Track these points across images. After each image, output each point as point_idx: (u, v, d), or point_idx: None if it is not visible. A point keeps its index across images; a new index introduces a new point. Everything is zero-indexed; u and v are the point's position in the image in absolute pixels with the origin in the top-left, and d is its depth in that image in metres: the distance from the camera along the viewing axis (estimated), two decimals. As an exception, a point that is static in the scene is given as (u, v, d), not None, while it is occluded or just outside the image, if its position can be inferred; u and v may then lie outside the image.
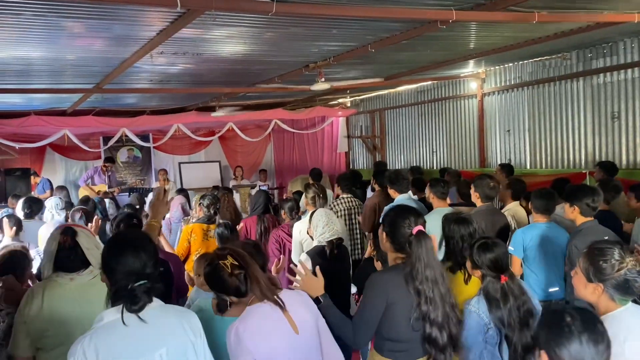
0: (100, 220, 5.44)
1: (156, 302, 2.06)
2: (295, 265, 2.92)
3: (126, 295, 1.97)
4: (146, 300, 2.00)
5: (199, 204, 5.35)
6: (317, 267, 2.70)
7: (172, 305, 2.15)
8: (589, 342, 1.72)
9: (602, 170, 5.76)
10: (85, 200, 6.84)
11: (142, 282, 1.98)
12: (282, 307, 2.24)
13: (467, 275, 3.13)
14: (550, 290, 4.13)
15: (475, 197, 4.68)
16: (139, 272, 2.00)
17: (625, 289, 2.23)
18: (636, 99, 6.31)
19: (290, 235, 5.01)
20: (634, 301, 2.31)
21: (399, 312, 2.51)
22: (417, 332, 2.52)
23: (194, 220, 5.42)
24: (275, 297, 2.26)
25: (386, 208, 4.58)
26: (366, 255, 4.76)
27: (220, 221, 4.95)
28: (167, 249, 4.67)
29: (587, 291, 2.31)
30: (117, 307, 1.99)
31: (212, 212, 5.26)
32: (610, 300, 2.25)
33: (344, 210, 5.99)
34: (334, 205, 6.03)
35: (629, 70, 6.36)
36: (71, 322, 2.50)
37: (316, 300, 2.59)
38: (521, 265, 4.23)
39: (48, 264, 2.65)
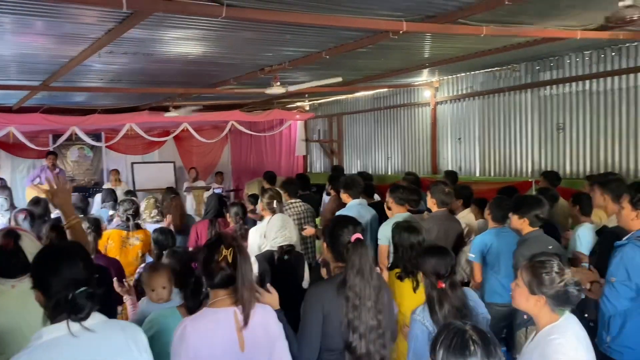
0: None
1: (100, 317, 1.96)
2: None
3: (69, 305, 1.86)
4: (91, 306, 1.89)
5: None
6: (268, 284, 2.68)
7: (116, 320, 2.05)
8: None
9: (546, 180, 5.95)
10: (36, 201, 6.41)
11: (82, 288, 1.88)
12: (246, 322, 2.21)
13: (415, 283, 3.17)
14: None
15: (431, 203, 4.74)
16: (77, 280, 1.90)
17: (564, 300, 2.30)
18: (580, 112, 6.57)
19: None
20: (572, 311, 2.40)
21: (333, 322, 2.53)
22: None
23: (113, 226, 5.21)
24: (248, 309, 2.22)
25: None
26: (320, 260, 4.78)
27: (158, 226, 4.81)
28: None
29: (529, 303, 2.37)
30: (58, 325, 1.87)
31: (128, 218, 5.00)
32: (551, 313, 2.32)
33: (295, 215, 5.98)
34: (284, 211, 5.99)
35: (574, 84, 6.62)
36: (12, 332, 2.36)
37: None
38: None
39: None
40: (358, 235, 2.61)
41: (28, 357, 1.80)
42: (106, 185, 10.23)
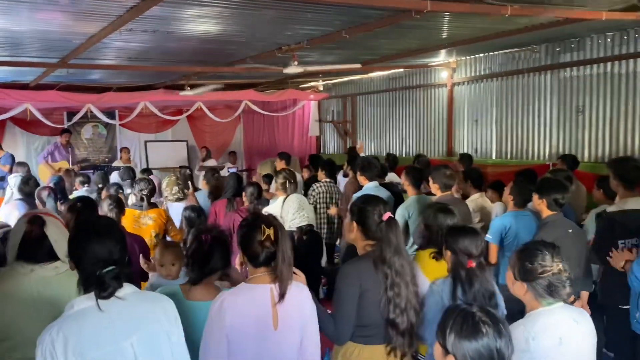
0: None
1: (129, 288, 2.03)
2: None
3: (95, 282, 1.94)
4: (115, 286, 1.96)
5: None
6: (295, 269, 2.72)
7: (147, 291, 2.10)
8: (500, 341, 1.72)
9: (564, 163, 5.91)
10: (56, 182, 6.22)
11: (109, 268, 1.95)
12: (282, 297, 2.24)
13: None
14: None
15: (435, 188, 4.68)
16: (105, 259, 1.96)
17: (549, 292, 2.25)
18: (600, 94, 6.49)
19: None
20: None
21: (371, 298, 2.57)
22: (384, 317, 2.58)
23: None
24: (285, 285, 2.26)
25: (354, 197, 4.62)
26: None
27: (179, 204, 4.83)
28: None
29: (515, 287, 2.37)
30: (88, 295, 1.94)
31: (143, 198, 4.97)
32: (534, 300, 2.29)
33: (324, 193, 6.09)
34: (315, 187, 6.14)
35: (595, 66, 6.53)
36: (24, 318, 2.32)
37: None
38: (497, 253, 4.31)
39: (12, 250, 2.47)
40: (389, 213, 2.65)
41: (59, 327, 1.87)
42: (116, 163, 10.29)
